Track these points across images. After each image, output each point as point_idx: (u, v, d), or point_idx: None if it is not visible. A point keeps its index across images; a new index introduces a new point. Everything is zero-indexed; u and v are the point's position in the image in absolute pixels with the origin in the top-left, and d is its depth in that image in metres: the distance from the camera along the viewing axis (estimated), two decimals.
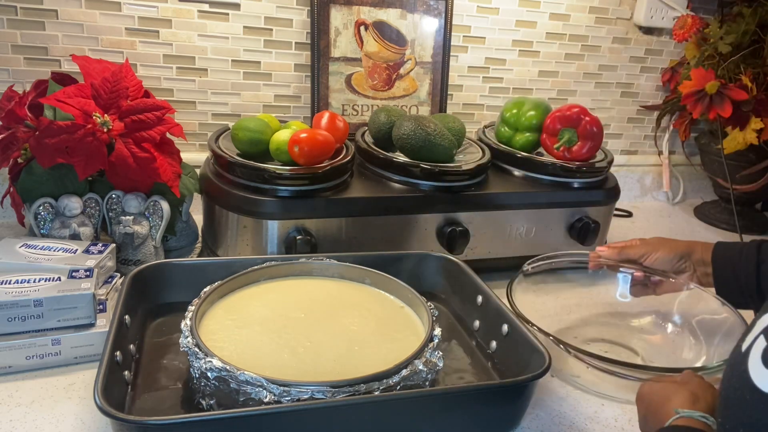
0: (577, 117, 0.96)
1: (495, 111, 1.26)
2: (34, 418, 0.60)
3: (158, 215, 0.84)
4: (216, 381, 0.56)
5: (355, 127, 1.07)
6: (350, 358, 0.63)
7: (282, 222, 0.82)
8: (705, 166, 1.37)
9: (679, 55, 1.36)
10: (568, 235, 0.98)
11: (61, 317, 0.65)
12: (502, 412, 0.62)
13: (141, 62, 1.02)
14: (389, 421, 0.57)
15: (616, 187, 1.02)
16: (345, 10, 1.07)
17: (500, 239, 0.94)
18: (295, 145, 0.82)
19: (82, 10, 0.96)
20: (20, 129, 0.80)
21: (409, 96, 1.15)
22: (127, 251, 0.84)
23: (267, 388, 0.54)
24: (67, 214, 0.81)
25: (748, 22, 1.16)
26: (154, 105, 0.82)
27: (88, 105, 0.78)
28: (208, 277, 0.71)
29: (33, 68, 0.97)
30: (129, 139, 0.80)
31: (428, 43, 1.14)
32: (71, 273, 0.69)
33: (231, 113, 1.10)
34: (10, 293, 0.64)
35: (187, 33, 1.03)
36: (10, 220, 0.96)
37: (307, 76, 1.11)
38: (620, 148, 1.44)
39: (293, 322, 0.68)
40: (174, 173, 0.84)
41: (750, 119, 1.14)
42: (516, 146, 1.03)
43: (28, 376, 0.65)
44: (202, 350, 0.58)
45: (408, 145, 0.90)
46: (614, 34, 1.30)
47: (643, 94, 1.40)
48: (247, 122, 0.86)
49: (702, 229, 1.32)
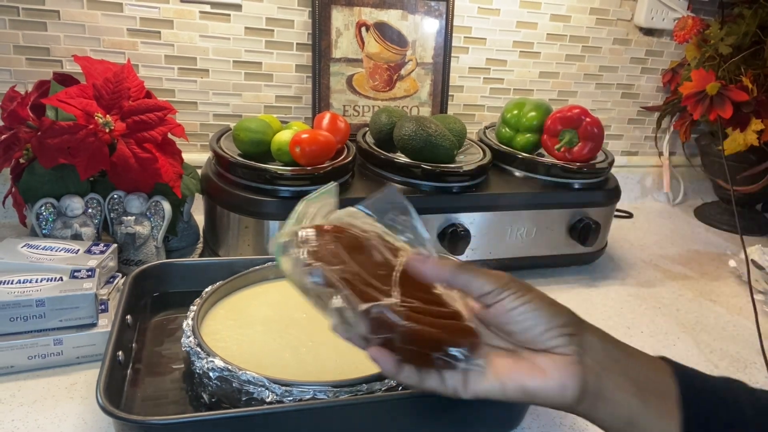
0: (577, 118, 0.96)
1: (496, 112, 1.26)
2: (36, 418, 0.60)
3: (160, 215, 0.84)
4: (218, 381, 0.56)
5: (356, 127, 1.07)
6: (352, 358, 0.63)
7: (283, 223, 0.82)
8: (705, 167, 1.37)
9: (679, 56, 1.37)
10: (569, 236, 0.98)
11: (63, 317, 0.65)
12: (503, 412, 0.62)
13: (142, 63, 1.02)
14: (391, 421, 0.57)
15: (617, 188, 1.02)
16: (346, 11, 1.07)
17: (501, 240, 0.94)
18: (296, 145, 0.82)
19: (83, 10, 0.96)
20: (22, 129, 0.81)
21: (410, 97, 1.15)
22: (128, 251, 0.84)
23: (269, 387, 0.55)
24: (69, 215, 0.81)
25: (749, 23, 1.16)
26: (155, 105, 0.82)
27: (90, 105, 0.79)
28: (209, 277, 0.71)
29: (35, 69, 0.97)
30: (131, 139, 0.80)
31: (429, 44, 1.14)
32: (73, 273, 0.69)
33: (232, 114, 1.10)
34: (12, 293, 0.64)
35: (189, 34, 1.03)
36: (12, 220, 0.96)
37: (308, 76, 1.11)
38: (621, 149, 1.44)
39: (295, 322, 0.68)
40: (175, 174, 0.84)
41: (750, 120, 1.14)
42: (517, 147, 1.03)
43: (30, 375, 0.65)
44: (204, 350, 0.58)
45: (409, 146, 0.90)
46: (615, 36, 1.30)
47: (643, 95, 1.40)
48: (248, 123, 0.86)
49: (702, 230, 1.32)
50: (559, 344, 0.39)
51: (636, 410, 0.38)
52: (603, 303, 0.95)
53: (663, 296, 0.99)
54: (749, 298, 0.94)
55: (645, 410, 0.38)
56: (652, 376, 0.40)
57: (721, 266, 1.13)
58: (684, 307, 0.96)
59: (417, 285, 0.44)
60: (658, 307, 0.95)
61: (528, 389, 0.39)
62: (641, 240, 1.22)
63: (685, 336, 0.88)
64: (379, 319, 0.40)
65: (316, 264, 0.43)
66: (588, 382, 0.38)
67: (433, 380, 0.41)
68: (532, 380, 0.39)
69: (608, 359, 0.39)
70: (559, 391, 0.39)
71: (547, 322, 0.39)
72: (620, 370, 0.39)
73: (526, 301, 0.39)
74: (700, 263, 1.14)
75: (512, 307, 0.39)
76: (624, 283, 1.02)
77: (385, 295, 0.42)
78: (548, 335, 0.39)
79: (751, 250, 1.03)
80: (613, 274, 1.05)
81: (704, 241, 1.26)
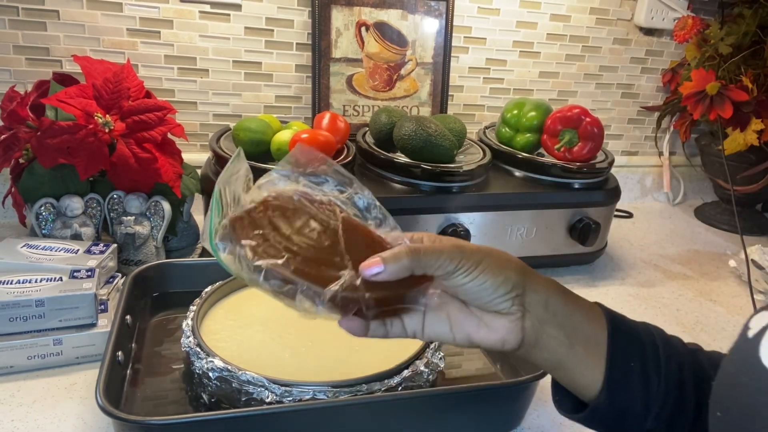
0: (577, 118, 0.96)
1: (496, 112, 1.26)
2: (36, 418, 0.60)
3: (159, 215, 0.84)
4: (218, 381, 0.56)
5: (356, 127, 1.07)
6: (352, 359, 0.63)
7: None
8: (705, 167, 1.37)
9: (679, 56, 1.37)
10: (569, 236, 0.98)
11: (62, 317, 0.65)
12: (503, 412, 0.62)
13: (142, 63, 1.02)
14: (390, 421, 0.57)
15: (617, 188, 1.02)
16: (346, 10, 1.07)
17: (501, 240, 0.94)
18: None
19: (83, 10, 0.96)
20: (22, 129, 0.81)
21: (409, 97, 1.15)
22: (128, 251, 0.84)
23: (268, 388, 0.55)
24: (69, 215, 0.81)
25: (749, 23, 1.16)
26: (155, 105, 0.82)
27: (89, 105, 0.79)
28: (209, 277, 0.71)
29: (34, 69, 0.97)
30: (130, 139, 0.80)
31: (429, 44, 1.14)
32: (73, 273, 0.69)
33: (232, 114, 1.10)
34: (12, 293, 0.64)
35: (189, 33, 1.03)
36: (11, 220, 0.96)
37: (308, 76, 1.11)
38: (621, 149, 1.44)
39: (295, 322, 0.68)
40: (175, 173, 0.84)
41: (750, 120, 1.14)
42: (517, 147, 1.03)
43: (30, 376, 0.65)
44: (203, 350, 0.58)
45: (409, 146, 0.90)
46: (615, 35, 1.30)
47: (643, 95, 1.40)
48: (248, 123, 0.86)
49: (702, 230, 1.32)
50: (504, 307, 0.44)
51: (564, 356, 0.45)
52: (603, 303, 0.95)
53: (663, 296, 0.99)
54: (749, 298, 0.94)
55: (572, 356, 0.45)
56: (586, 324, 0.46)
57: (721, 266, 1.12)
58: (684, 307, 0.96)
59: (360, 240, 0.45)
60: (658, 307, 0.95)
61: (473, 340, 0.46)
62: (641, 240, 1.22)
63: (685, 336, 0.86)
64: (345, 299, 0.42)
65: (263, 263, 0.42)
66: (526, 335, 0.44)
67: (397, 328, 0.46)
68: (477, 333, 0.45)
69: (547, 313, 0.45)
70: (500, 344, 0.45)
71: (493, 292, 0.44)
72: (556, 322, 0.45)
73: (474, 276, 0.43)
74: (700, 263, 1.14)
75: (463, 283, 0.43)
76: (624, 283, 1.02)
77: (339, 268, 0.43)
78: (495, 302, 0.44)
79: (751, 250, 1.03)
80: (613, 274, 1.05)
81: (704, 241, 1.26)
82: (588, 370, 0.45)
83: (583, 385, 0.45)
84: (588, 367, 0.45)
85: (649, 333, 0.48)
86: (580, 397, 0.47)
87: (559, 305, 0.45)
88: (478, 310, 0.45)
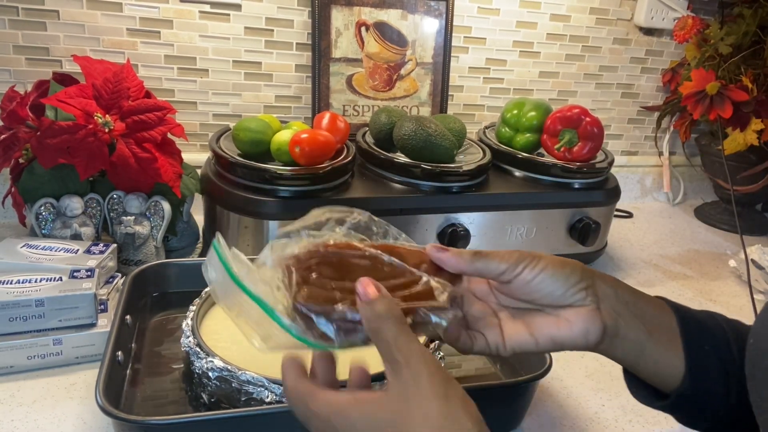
0: (577, 118, 0.96)
1: (496, 112, 1.26)
2: (36, 418, 0.60)
3: (159, 215, 0.84)
4: (217, 381, 0.56)
5: (356, 127, 1.07)
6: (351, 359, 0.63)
7: (283, 222, 0.82)
8: (705, 167, 1.37)
9: (679, 56, 1.37)
10: (569, 236, 0.98)
11: (62, 317, 0.65)
12: (503, 412, 0.62)
13: (142, 63, 1.02)
14: None
15: (617, 188, 1.02)
16: (346, 10, 1.07)
17: (501, 240, 0.94)
18: (296, 145, 0.82)
19: (83, 10, 0.96)
20: (22, 129, 0.80)
21: (409, 96, 1.15)
22: (128, 251, 0.84)
23: (268, 387, 0.55)
24: (69, 215, 0.81)
25: (749, 23, 1.16)
26: (155, 105, 0.82)
27: (89, 105, 0.79)
28: None
29: (34, 68, 0.97)
30: (130, 139, 0.80)
31: (429, 44, 1.14)
32: (72, 273, 0.69)
33: (232, 114, 1.10)
34: (12, 293, 0.64)
35: (188, 33, 1.03)
36: (11, 220, 0.96)
37: (308, 76, 1.11)
38: (621, 149, 1.44)
39: None
40: (175, 173, 0.84)
41: (750, 120, 1.14)
42: (517, 147, 1.03)
43: (30, 375, 0.65)
44: (203, 350, 0.58)
45: (409, 146, 0.90)
46: (615, 35, 1.30)
47: (643, 94, 1.40)
48: (248, 123, 0.86)
49: (702, 230, 1.32)
50: (578, 299, 0.45)
51: (644, 344, 0.45)
52: None
53: (663, 296, 0.99)
54: (749, 298, 0.94)
55: (653, 342, 0.45)
56: (656, 313, 0.47)
57: (721, 266, 1.12)
58: None
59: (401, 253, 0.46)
60: None
61: (557, 339, 0.45)
62: (641, 240, 1.22)
63: None
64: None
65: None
66: (606, 325, 0.44)
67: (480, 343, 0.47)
68: (559, 331, 0.45)
69: (620, 303, 0.45)
70: (584, 337, 0.45)
71: (564, 284, 0.44)
72: (630, 312, 0.46)
73: (540, 270, 0.44)
74: (700, 263, 1.14)
75: (530, 279, 0.44)
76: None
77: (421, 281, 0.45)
78: (568, 294, 0.45)
79: (751, 250, 1.03)
80: (613, 273, 1.03)
81: (704, 240, 1.26)
82: (668, 358, 0.45)
83: (666, 373, 0.46)
84: (668, 354, 0.45)
85: (712, 316, 0.49)
86: (660, 386, 0.47)
87: (628, 295, 0.47)
88: (554, 309, 0.46)
